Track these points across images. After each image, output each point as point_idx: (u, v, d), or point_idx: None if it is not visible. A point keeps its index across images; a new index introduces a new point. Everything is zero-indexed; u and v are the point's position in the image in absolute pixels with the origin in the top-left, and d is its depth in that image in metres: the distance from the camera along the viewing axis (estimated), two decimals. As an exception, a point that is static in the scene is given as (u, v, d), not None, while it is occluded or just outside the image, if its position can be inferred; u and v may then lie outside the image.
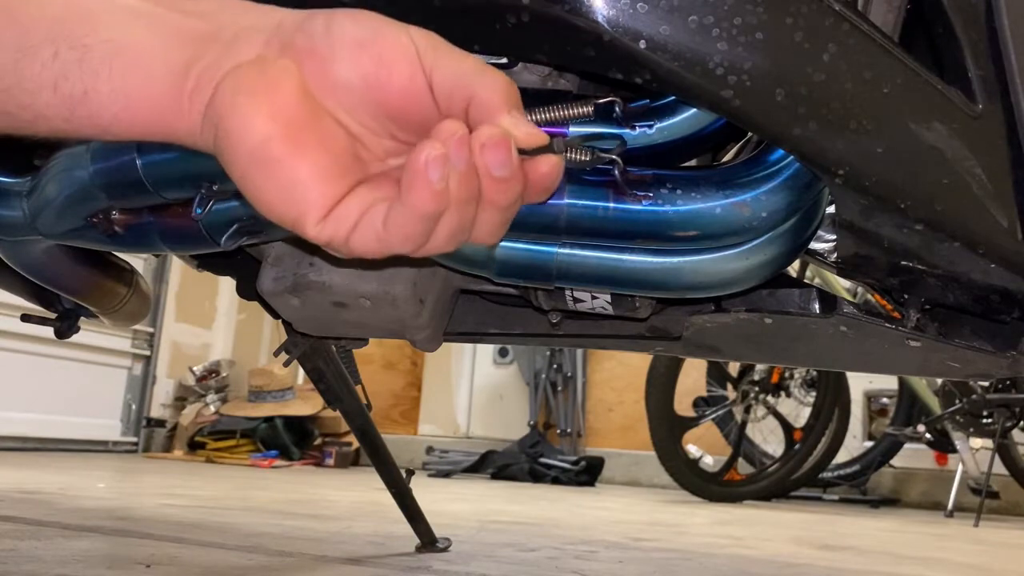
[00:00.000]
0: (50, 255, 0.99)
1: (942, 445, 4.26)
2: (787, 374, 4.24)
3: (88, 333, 4.34)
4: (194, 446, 4.95)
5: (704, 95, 0.48)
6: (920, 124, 0.55)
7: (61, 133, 0.45)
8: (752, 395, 4.22)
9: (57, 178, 0.79)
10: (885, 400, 4.92)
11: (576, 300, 0.74)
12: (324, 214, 0.40)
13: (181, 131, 0.43)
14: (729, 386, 4.33)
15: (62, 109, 0.43)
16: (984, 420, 3.95)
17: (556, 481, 4.82)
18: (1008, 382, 3.81)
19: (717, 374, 4.40)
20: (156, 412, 5.16)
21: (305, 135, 0.40)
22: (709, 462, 4.14)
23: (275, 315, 0.90)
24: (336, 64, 0.41)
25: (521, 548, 1.71)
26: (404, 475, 1.48)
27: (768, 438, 4.51)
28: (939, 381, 4.08)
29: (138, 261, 4.24)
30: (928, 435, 4.18)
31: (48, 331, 1.20)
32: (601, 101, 0.61)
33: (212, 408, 5.12)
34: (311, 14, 0.43)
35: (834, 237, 0.65)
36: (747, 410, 4.24)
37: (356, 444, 4.82)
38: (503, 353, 5.76)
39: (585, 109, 0.61)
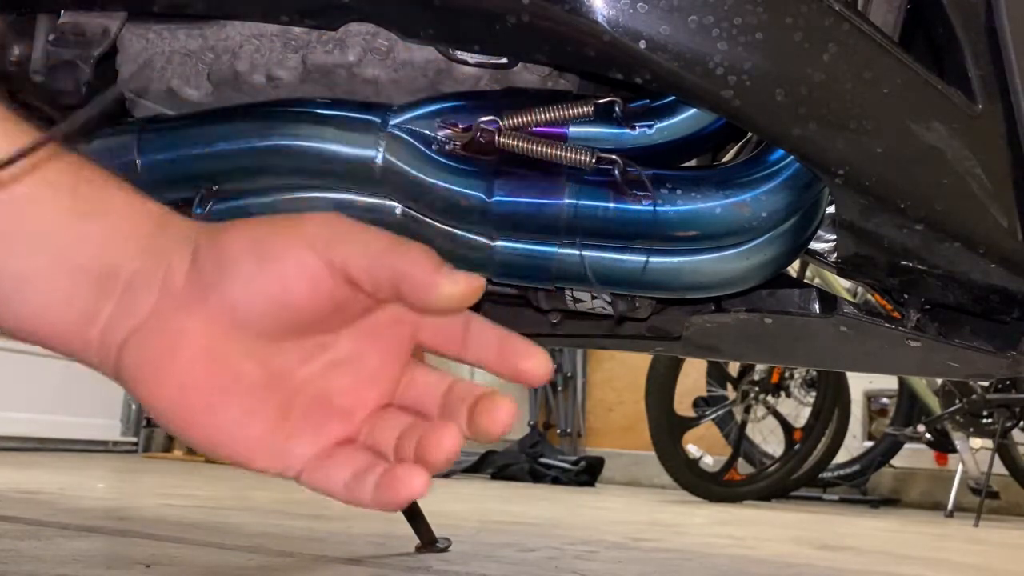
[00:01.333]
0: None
1: (942, 445, 4.26)
2: (787, 374, 4.24)
3: (88, 333, 4.33)
4: (194, 446, 4.94)
5: (704, 95, 0.48)
6: (920, 124, 0.55)
7: None
8: (752, 395, 4.22)
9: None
10: (885, 400, 4.92)
11: (576, 300, 0.74)
12: (266, 455, 0.42)
13: (94, 363, 0.44)
14: (729, 386, 4.33)
15: None
16: (984, 420, 3.95)
17: (556, 481, 4.82)
18: (1008, 382, 3.81)
19: (717, 374, 4.40)
20: (156, 412, 5.16)
21: (216, 391, 0.41)
22: (709, 462, 4.14)
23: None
24: (233, 303, 0.41)
25: (521, 548, 1.71)
26: (404, 475, 1.48)
27: (768, 438, 4.51)
28: (939, 381, 4.08)
29: (138, 261, 4.23)
30: (928, 435, 4.18)
31: (48, 331, 1.20)
32: (601, 101, 0.61)
33: (212, 408, 5.12)
34: (197, 242, 0.42)
35: (834, 237, 0.65)
36: (747, 410, 4.24)
37: (356, 444, 4.81)
38: (503, 353, 5.75)
39: (585, 109, 0.62)
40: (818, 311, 0.70)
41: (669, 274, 0.64)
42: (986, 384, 3.85)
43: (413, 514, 1.51)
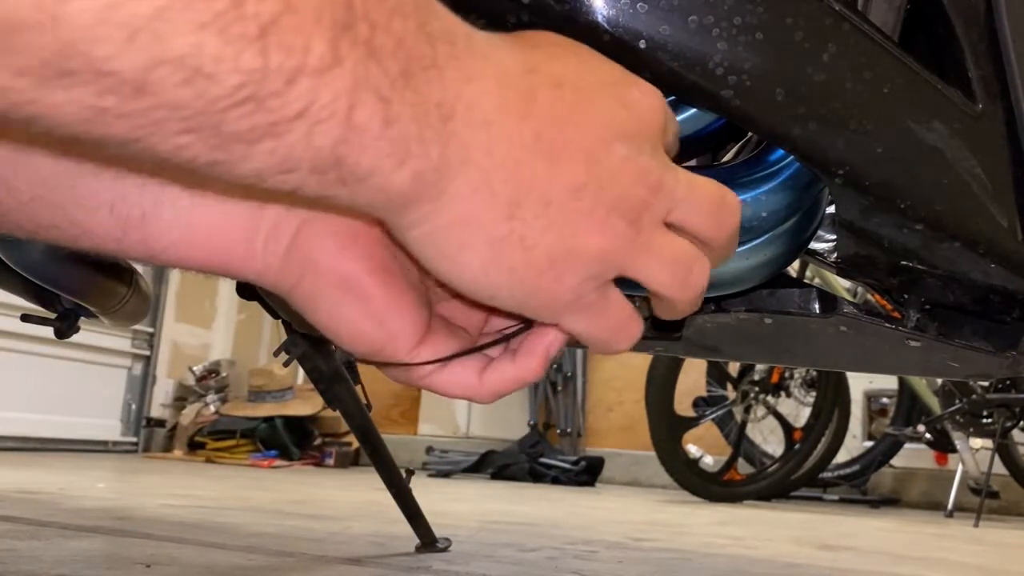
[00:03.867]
0: (50, 255, 0.99)
1: (942, 445, 4.26)
2: (787, 374, 4.25)
3: (88, 333, 4.34)
4: (194, 446, 4.95)
5: (704, 95, 0.48)
6: (920, 124, 0.55)
7: (104, 251, 0.43)
8: (752, 395, 4.22)
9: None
10: (885, 400, 4.92)
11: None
12: (415, 342, 0.43)
13: (246, 270, 0.43)
14: (729, 386, 4.33)
15: (114, 230, 0.42)
16: (984, 420, 3.95)
17: (556, 481, 4.82)
18: (1008, 382, 3.81)
19: (717, 374, 4.40)
20: (156, 412, 5.17)
21: (393, 271, 0.42)
22: (709, 462, 4.14)
23: (275, 315, 0.90)
24: None
25: (521, 548, 1.71)
26: (404, 475, 1.48)
27: (768, 438, 4.51)
28: (939, 381, 4.09)
29: (138, 261, 4.23)
30: (928, 435, 4.18)
31: (48, 331, 1.20)
32: (601, 101, 0.61)
33: (212, 408, 5.12)
34: None
35: (834, 237, 0.65)
36: (747, 410, 4.24)
37: (356, 444, 4.82)
38: (503, 353, 5.75)
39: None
40: (818, 311, 0.70)
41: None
42: (986, 384, 3.85)
43: (413, 514, 1.52)
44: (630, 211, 0.40)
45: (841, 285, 3.45)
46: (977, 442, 4.01)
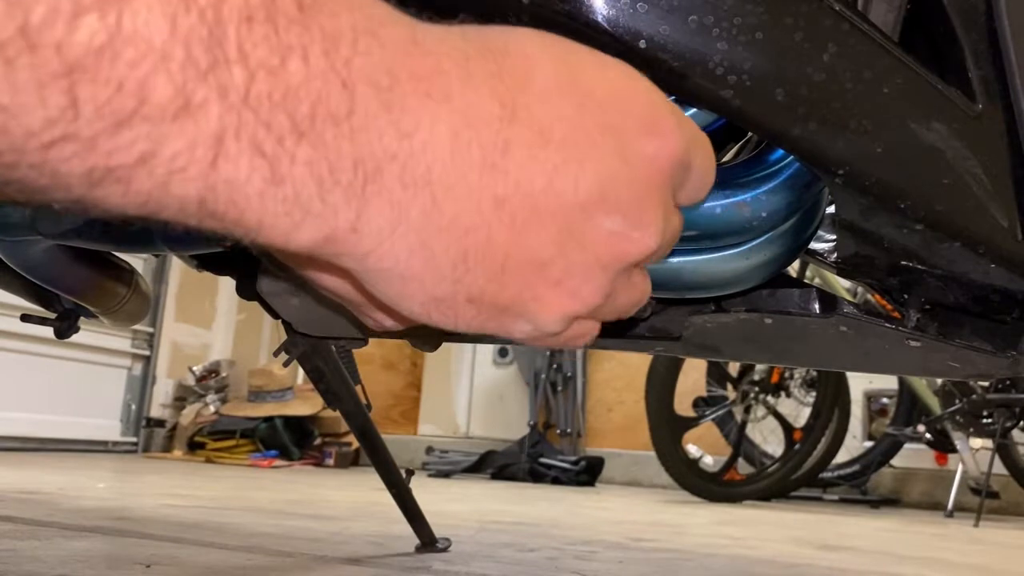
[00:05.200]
0: (50, 255, 0.99)
1: (942, 445, 4.26)
2: (787, 374, 4.25)
3: (88, 333, 4.34)
4: (194, 446, 4.95)
5: (704, 95, 0.48)
6: (920, 124, 0.55)
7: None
8: (752, 395, 4.22)
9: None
10: (885, 400, 4.92)
11: (576, 300, 0.74)
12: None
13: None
14: (729, 386, 4.33)
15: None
16: (984, 420, 3.95)
17: (556, 481, 4.82)
18: (1008, 382, 3.81)
19: (717, 374, 4.40)
20: (156, 412, 5.17)
21: None
22: (709, 462, 4.14)
23: (275, 315, 0.90)
24: None
25: (521, 548, 1.71)
26: (404, 475, 1.48)
27: (768, 438, 4.51)
28: (939, 381, 4.09)
29: (138, 261, 4.24)
30: (928, 435, 4.18)
31: (48, 331, 1.20)
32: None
33: (212, 408, 5.12)
34: None
35: (834, 237, 0.65)
36: (747, 410, 4.24)
37: (356, 444, 4.82)
38: (503, 353, 5.76)
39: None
40: (818, 311, 0.70)
41: (669, 274, 0.64)
42: (986, 384, 3.85)
43: (413, 514, 1.52)
44: (608, 278, 0.36)
45: (841, 285, 3.45)
46: (977, 442, 4.01)
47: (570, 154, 0.34)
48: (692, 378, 4.39)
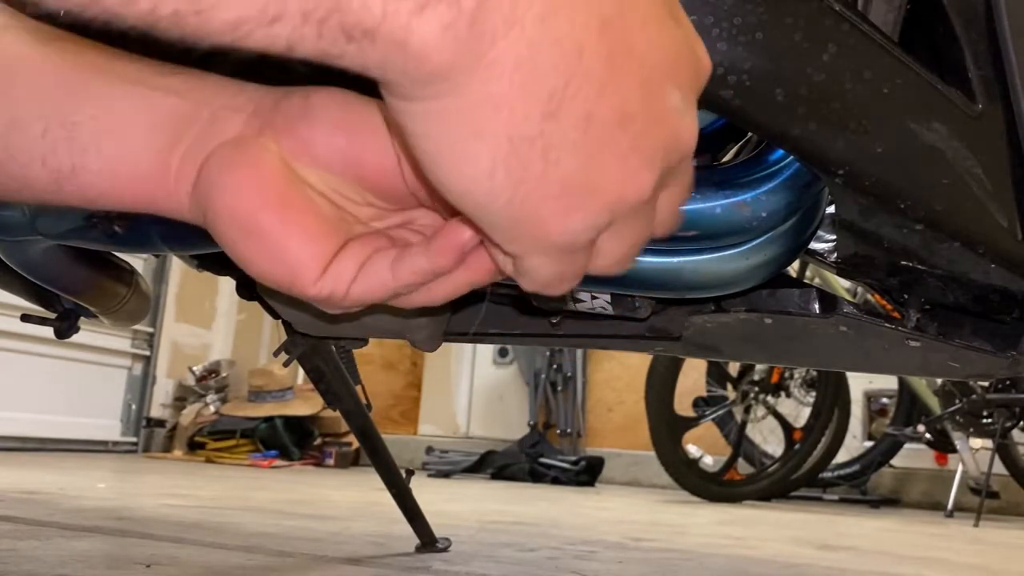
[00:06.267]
0: (50, 255, 0.99)
1: (942, 445, 4.26)
2: (787, 374, 4.25)
3: (88, 333, 4.34)
4: (194, 446, 4.95)
5: (704, 95, 0.48)
6: (920, 124, 0.55)
7: (47, 202, 0.45)
8: (752, 395, 4.22)
9: (57, 178, 0.78)
10: (885, 400, 4.92)
11: (576, 300, 0.74)
12: (320, 273, 0.41)
13: (169, 207, 0.44)
14: (729, 386, 4.33)
15: (50, 183, 0.43)
16: (984, 420, 3.95)
17: (556, 481, 4.82)
18: (1008, 382, 3.81)
19: (717, 374, 4.40)
20: (156, 412, 5.17)
21: (291, 204, 0.41)
22: (709, 462, 4.14)
23: (275, 315, 0.90)
24: (314, 143, 0.41)
25: (521, 548, 1.71)
26: (404, 475, 1.48)
27: (768, 438, 4.51)
28: (939, 381, 4.09)
29: (138, 261, 4.24)
30: (928, 435, 4.18)
31: (48, 331, 1.20)
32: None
33: (212, 408, 5.12)
34: (287, 92, 0.43)
35: (834, 237, 0.65)
36: (747, 410, 4.24)
37: (356, 444, 4.82)
38: (503, 353, 5.76)
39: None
40: (818, 311, 0.70)
41: (669, 274, 0.64)
42: (986, 384, 3.85)
43: (413, 514, 1.52)
44: (658, 168, 0.35)
45: (841, 285, 3.45)
46: (977, 442, 4.01)
47: (657, 11, 0.33)
48: (692, 378, 4.39)
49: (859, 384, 4.77)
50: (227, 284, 4.52)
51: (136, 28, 0.28)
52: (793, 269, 2.10)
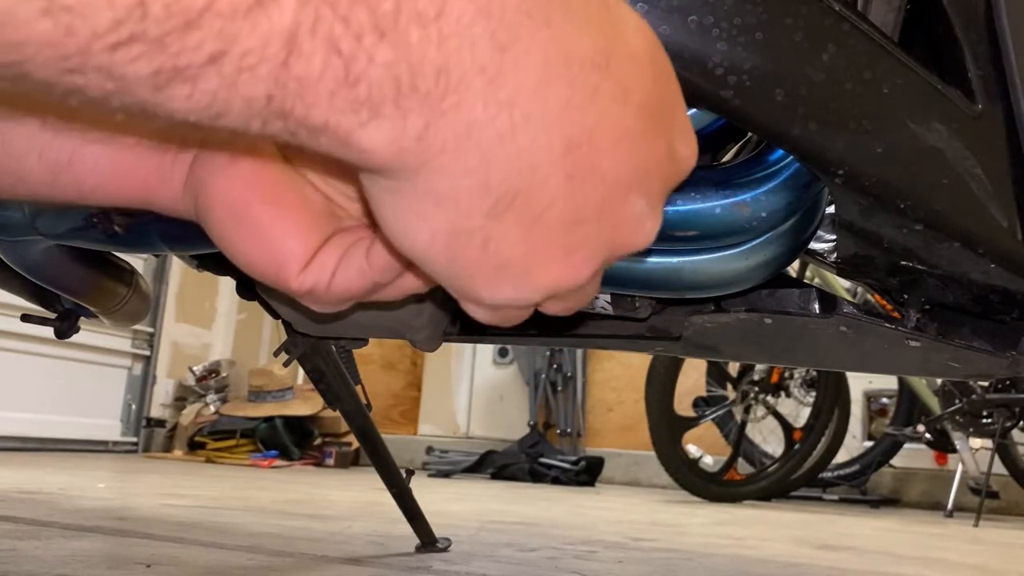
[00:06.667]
0: (50, 255, 0.99)
1: (942, 445, 4.26)
2: (787, 374, 4.25)
3: (88, 333, 4.34)
4: (194, 446, 4.95)
5: (704, 95, 0.48)
6: (920, 124, 0.55)
7: (40, 197, 0.44)
8: (752, 395, 4.22)
9: (57, 178, 0.78)
10: (885, 400, 4.93)
11: (576, 300, 0.74)
12: (304, 264, 0.40)
13: (162, 198, 0.43)
14: (729, 386, 4.33)
15: (45, 175, 0.43)
16: (984, 420, 3.96)
17: (556, 481, 4.82)
18: (1008, 382, 3.81)
19: (717, 374, 4.40)
20: (156, 412, 5.17)
21: (282, 194, 0.40)
22: (709, 462, 4.15)
23: (275, 315, 0.90)
24: None
25: (521, 548, 1.71)
26: (404, 475, 1.48)
27: (768, 438, 4.51)
28: (939, 381, 4.09)
29: (138, 261, 4.24)
30: (928, 435, 4.19)
31: (48, 331, 1.20)
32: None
33: (212, 408, 5.12)
34: None
35: (834, 237, 0.65)
36: (747, 410, 4.24)
37: (356, 444, 4.82)
38: (503, 353, 5.76)
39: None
40: (818, 311, 0.70)
41: (669, 274, 0.64)
42: (986, 384, 3.85)
43: (413, 514, 1.52)
44: (602, 261, 0.36)
45: (841, 285, 3.45)
46: (977, 442, 4.01)
47: (638, 125, 0.33)
48: (692, 378, 4.39)
49: (859, 384, 4.78)
50: (227, 284, 4.52)
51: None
52: (793, 269, 2.10)
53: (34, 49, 0.25)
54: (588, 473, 4.89)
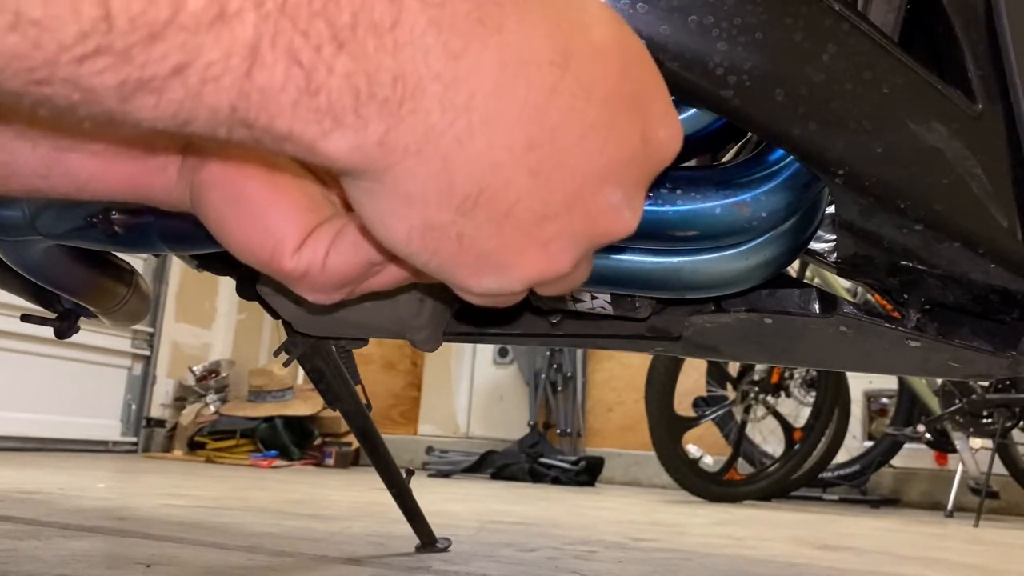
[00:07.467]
0: (50, 255, 0.99)
1: (942, 445, 4.26)
2: (787, 374, 4.25)
3: (88, 333, 4.34)
4: (194, 446, 4.95)
5: (704, 95, 0.48)
6: (920, 124, 0.55)
7: (35, 191, 0.44)
8: (752, 395, 4.22)
9: (57, 178, 0.78)
10: (885, 400, 4.93)
11: (576, 300, 0.74)
12: (298, 245, 0.41)
13: (158, 187, 0.44)
14: (729, 386, 4.33)
15: (39, 167, 0.43)
16: (984, 420, 3.96)
17: (556, 481, 4.82)
18: (1008, 382, 3.81)
19: (717, 374, 4.40)
20: (156, 412, 5.17)
21: (278, 176, 0.41)
22: (709, 462, 4.15)
23: (275, 315, 0.90)
24: None
25: (521, 548, 1.71)
26: (404, 475, 1.48)
27: (768, 438, 4.51)
28: (939, 381, 4.09)
29: (138, 261, 4.24)
30: (928, 435, 4.19)
31: (48, 331, 1.20)
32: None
33: (212, 408, 5.12)
34: None
35: (834, 237, 0.65)
36: (747, 410, 4.24)
37: (356, 444, 4.82)
38: (503, 353, 5.76)
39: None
40: (818, 311, 0.70)
41: (669, 274, 0.64)
42: (986, 384, 3.85)
43: (413, 514, 1.52)
44: (583, 251, 0.36)
45: (841, 285, 3.45)
46: (977, 442, 4.01)
47: (605, 118, 0.34)
48: (692, 378, 4.39)
49: (859, 384, 4.78)
50: (227, 284, 4.52)
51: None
52: (793, 269, 2.10)
53: (2, 62, 0.26)
54: (588, 473, 4.89)
